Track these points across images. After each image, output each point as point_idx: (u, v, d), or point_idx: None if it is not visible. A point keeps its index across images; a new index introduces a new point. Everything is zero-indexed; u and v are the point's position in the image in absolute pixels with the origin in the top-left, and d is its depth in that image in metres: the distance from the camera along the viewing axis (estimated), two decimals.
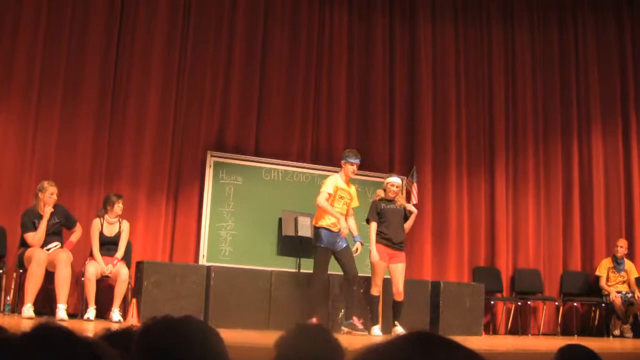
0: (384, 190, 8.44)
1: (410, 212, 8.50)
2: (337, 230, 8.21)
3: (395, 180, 8.48)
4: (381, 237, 8.31)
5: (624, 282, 10.74)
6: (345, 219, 8.33)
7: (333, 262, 8.34)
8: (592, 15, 12.15)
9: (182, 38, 9.77)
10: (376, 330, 8.33)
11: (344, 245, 8.30)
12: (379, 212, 8.36)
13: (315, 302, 8.27)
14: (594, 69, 12.01)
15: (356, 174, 8.62)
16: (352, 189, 8.57)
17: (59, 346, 1.22)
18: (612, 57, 12.12)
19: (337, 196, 8.30)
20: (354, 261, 8.36)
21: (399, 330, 8.21)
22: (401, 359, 1.19)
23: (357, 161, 8.36)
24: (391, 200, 8.41)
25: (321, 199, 8.19)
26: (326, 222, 8.23)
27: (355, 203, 8.55)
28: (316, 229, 8.31)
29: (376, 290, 8.28)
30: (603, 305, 10.73)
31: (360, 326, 8.25)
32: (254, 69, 10.11)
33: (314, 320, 7.94)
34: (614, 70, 12.08)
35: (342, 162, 8.41)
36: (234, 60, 10.00)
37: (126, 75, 9.41)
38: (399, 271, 8.32)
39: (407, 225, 8.56)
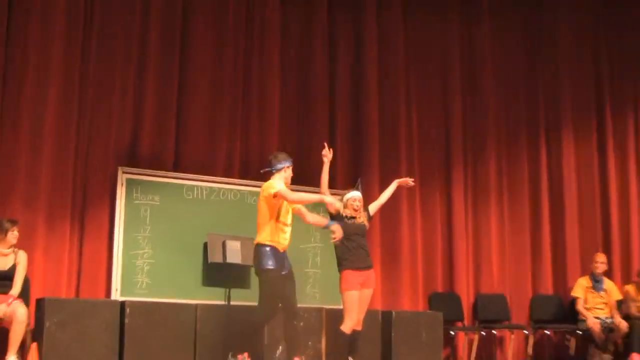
0: (344, 207, 8.19)
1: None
2: (282, 251, 7.62)
3: (356, 194, 8.29)
4: (348, 262, 8.02)
5: (604, 303, 10.51)
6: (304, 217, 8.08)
7: None
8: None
9: (85, 28, 9.34)
10: None
11: (289, 269, 7.74)
12: (343, 226, 7.96)
13: (258, 334, 7.66)
14: (564, 64, 12.09)
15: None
16: None
17: None
18: (585, 51, 12.25)
19: (283, 206, 7.72)
20: (294, 291, 7.77)
21: None
22: None
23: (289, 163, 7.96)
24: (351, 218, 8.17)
25: (286, 191, 7.59)
26: (272, 238, 7.59)
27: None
28: (260, 247, 7.60)
29: (348, 327, 7.87)
30: (579, 332, 10.63)
31: None
32: (172, 67, 9.78)
33: (246, 355, 7.59)
34: (587, 66, 12.23)
35: (277, 169, 7.85)
36: (148, 56, 9.63)
37: (20, 70, 8.91)
38: (364, 297, 8.03)
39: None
